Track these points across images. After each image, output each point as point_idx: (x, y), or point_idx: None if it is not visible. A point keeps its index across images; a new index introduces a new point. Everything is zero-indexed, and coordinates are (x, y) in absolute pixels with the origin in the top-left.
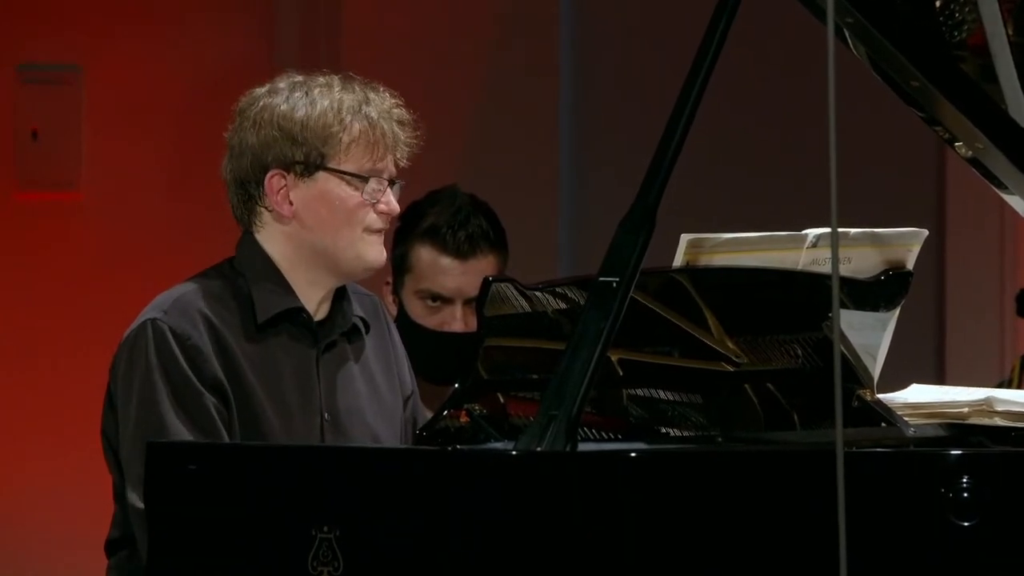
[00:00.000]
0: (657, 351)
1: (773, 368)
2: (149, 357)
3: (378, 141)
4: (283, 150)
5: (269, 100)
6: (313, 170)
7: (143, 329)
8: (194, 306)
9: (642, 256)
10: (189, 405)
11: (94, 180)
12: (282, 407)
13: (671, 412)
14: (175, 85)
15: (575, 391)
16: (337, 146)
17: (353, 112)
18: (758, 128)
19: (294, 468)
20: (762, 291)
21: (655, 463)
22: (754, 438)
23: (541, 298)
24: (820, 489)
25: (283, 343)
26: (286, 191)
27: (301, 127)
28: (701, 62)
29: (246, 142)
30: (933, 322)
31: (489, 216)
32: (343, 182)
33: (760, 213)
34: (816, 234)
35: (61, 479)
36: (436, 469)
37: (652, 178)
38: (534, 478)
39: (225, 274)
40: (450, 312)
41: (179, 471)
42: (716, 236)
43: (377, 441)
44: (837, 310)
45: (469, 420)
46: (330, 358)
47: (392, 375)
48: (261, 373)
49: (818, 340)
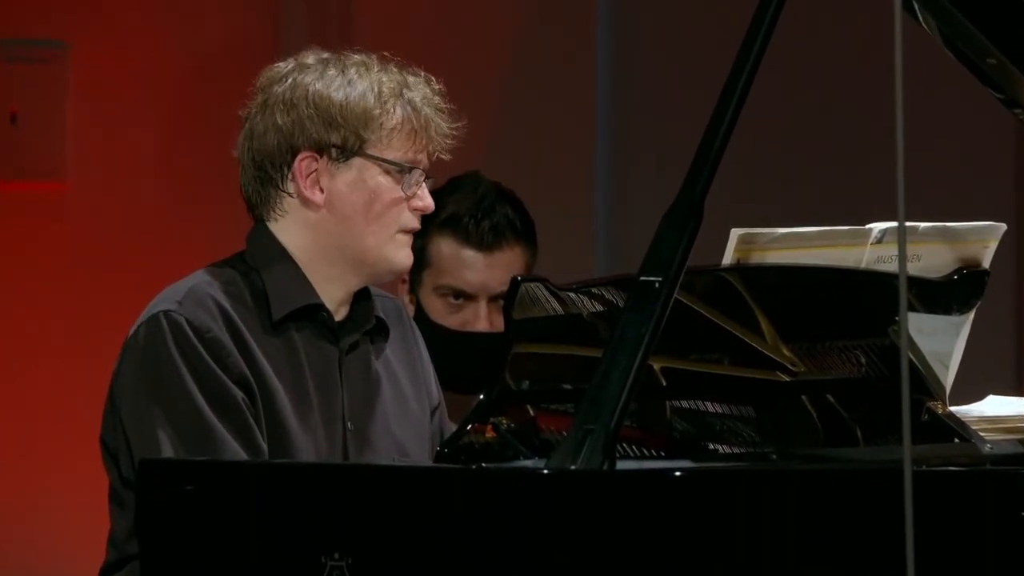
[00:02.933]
0: (704, 359)
1: (833, 378)
2: (168, 350)
3: (420, 130)
4: (318, 131)
5: (300, 77)
6: (350, 155)
7: (156, 322)
8: (210, 297)
9: (688, 253)
10: (221, 400)
11: (80, 169)
12: (306, 413)
13: (720, 426)
14: (170, 64)
15: (613, 403)
16: (378, 131)
17: (395, 95)
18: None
19: (302, 488)
20: (821, 292)
21: (702, 483)
22: (812, 455)
23: (575, 299)
24: (886, 512)
25: (304, 342)
26: (316, 176)
27: (340, 108)
28: (754, 37)
29: (272, 121)
30: (1012, 326)
31: (516, 205)
32: (382, 171)
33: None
34: (882, 229)
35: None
36: (459, 490)
37: (699, 166)
38: (568, 500)
39: (236, 268)
40: (473, 310)
41: (174, 491)
42: (770, 231)
43: (404, 453)
44: (905, 313)
45: (496, 435)
46: (353, 360)
47: (419, 383)
48: (283, 375)
49: (883, 347)
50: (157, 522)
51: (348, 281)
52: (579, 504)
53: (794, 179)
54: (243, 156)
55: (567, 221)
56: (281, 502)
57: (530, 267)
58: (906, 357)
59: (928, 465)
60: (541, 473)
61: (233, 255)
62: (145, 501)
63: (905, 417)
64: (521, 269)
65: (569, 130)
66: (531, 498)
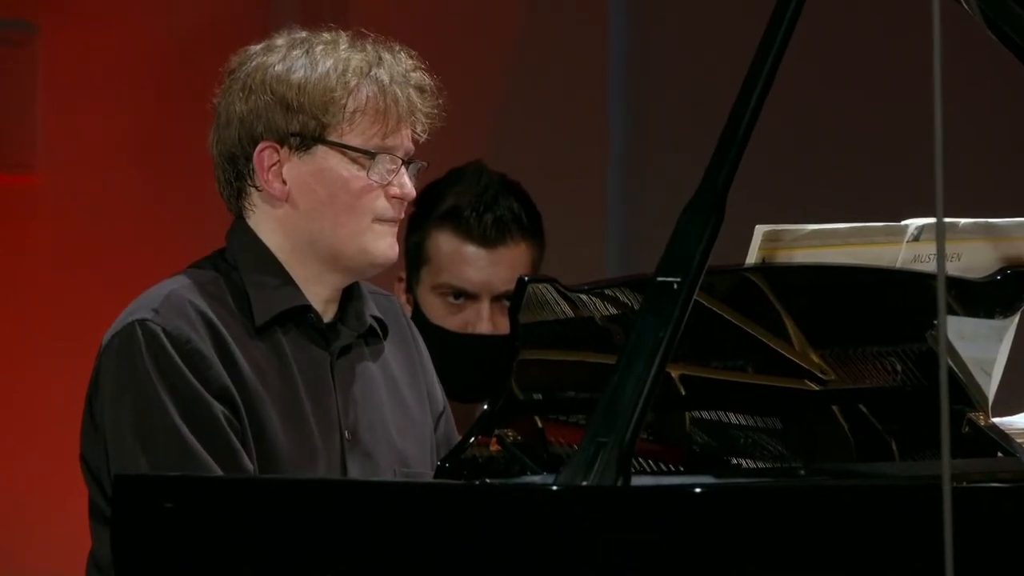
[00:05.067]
0: (726, 366)
1: (866, 387)
2: (143, 364)
3: (389, 110)
4: (276, 119)
5: (263, 59)
6: (311, 143)
7: (130, 332)
8: (189, 303)
9: (708, 251)
10: (200, 418)
11: (51, 161)
12: (298, 424)
13: (743, 439)
14: (148, 47)
15: (628, 414)
16: (339, 114)
17: (361, 74)
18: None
19: (288, 505)
20: (853, 294)
21: (724, 500)
22: (844, 470)
23: (587, 301)
24: (923, 533)
25: (292, 346)
26: (278, 168)
27: (298, 91)
28: (781, 16)
29: (234, 109)
30: None
31: (521, 197)
32: (346, 159)
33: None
34: (919, 225)
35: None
36: (461, 507)
37: (721, 157)
38: (579, 518)
39: (217, 267)
40: (475, 311)
41: (152, 509)
42: (797, 228)
43: (406, 464)
44: (944, 317)
45: (501, 448)
46: (346, 365)
47: (419, 387)
48: (271, 383)
49: (921, 353)
50: (134, 542)
51: (330, 280)
52: (591, 523)
53: (823, 171)
54: (213, 149)
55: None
56: (267, 520)
57: (536, 265)
58: (945, 364)
59: (969, 481)
60: (550, 490)
61: (214, 253)
62: (121, 520)
63: (944, 429)
64: (527, 267)
65: (580, 116)
66: (539, 517)
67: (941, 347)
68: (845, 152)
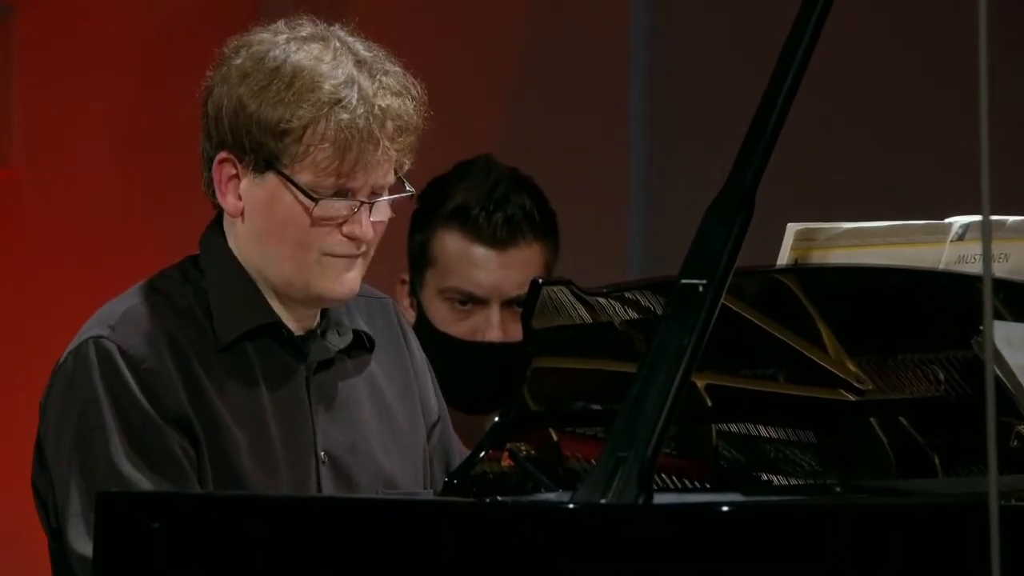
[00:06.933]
0: (756, 375)
1: (907, 397)
2: (92, 385)
3: (350, 149)
4: (235, 133)
5: (235, 62)
6: (264, 167)
7: (83, 351)
8: (148, 319)
9: (737, 251)
10: (147, 447)
11: (30, 154)
12: (265, 447)
13: (774, 454)
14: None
15: (650, 427)
16: (294, 146)
17: (324, 105)
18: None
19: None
20: (892, 297)
21: (753, 519)
22: (883, 487)
23: (606, 305)
24: (969, 553)
25: (262, 364)
26: (236, 182)
27: (257, 108)
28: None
29: (205, 109)
30: None
31: (534, 194)
32: (296, 194)
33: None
34: (963, 223)
35: None
36: (470, 526)
37: (750, 151)
38: (597, 538)
39: (188, 276)
40: (484, 317)
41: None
42: (832, 226)
43: (391, 485)
44: (990, 322)
45: (513, 464)
46: (325, 380)
47: (411, 398)
48: (236, 404)
49: (965, 361)
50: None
51: (293, 302)
52: (610, 544)
53: (860, 165)
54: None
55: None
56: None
57: (550, 267)
58: (992, 373)
59: (1017, 499)
60: (566, 508)
61: (185, 259)
62: (104, 540)
63: (990, 443)
64: (539, 270)
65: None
66: (554, 536)
67: (988, 354)
68: (883, 144)
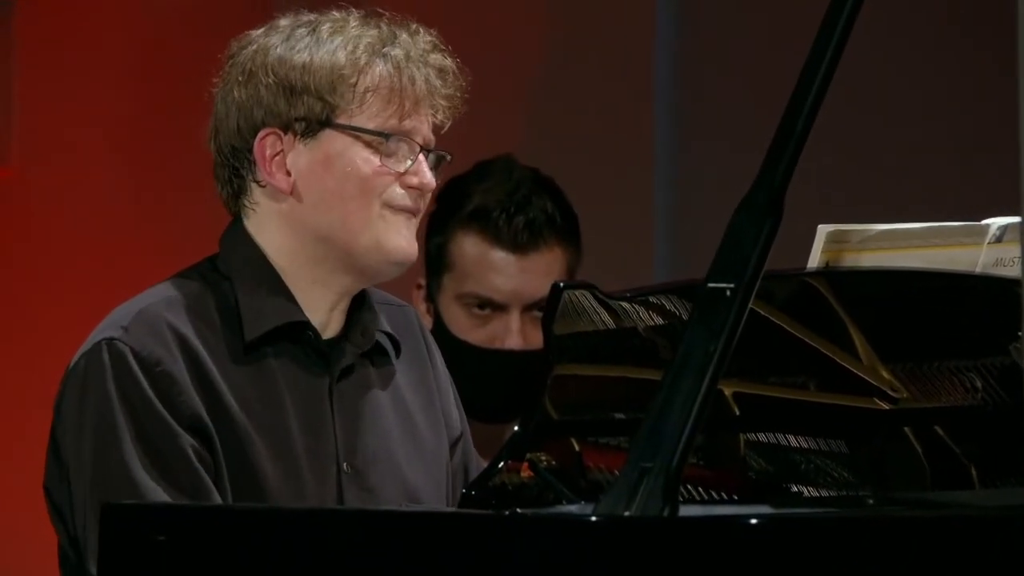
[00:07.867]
0: (786, 382)
1: (943, 406)
2: (106, 389)
3: (406, 90)
4: (278, 103)
5: (264, 41)
6: (317, 128)
7: (96, 353)
8: (164, 321)
9: (766, 254)
10: (161, 451)
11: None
12: (285, 456)
13: (805, 465)
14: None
15: (675, 436)
16: (349, 94)
17: (373, 51)
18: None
19: (299, 538)
20: (927, 302)
21: (783, 533)
22: (917, 499)
23: (629, 310)
24: (1007, 568)
25: (284, 369)
26: (282, 157)
27: (302, 71)
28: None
29: (232, 96)
30: None
31: (555, 196)
32: (358, 143)
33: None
34: (1001, 225)
35: None
36: (489, 540)
37: (779, 150)
38: (620, 552)
39: (206, 278)
40: (503, 323)
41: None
42: (865, 228)
43: (415, 498)
44: None
45: (533, 475)
46: (348, 388)
47: (434, 411)
48: (255, 410)
49: (1003, 368)
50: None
51: (340, 283)
52: (634, 558)
53: (893, 165)
54: (210, 145)
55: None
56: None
57: (572, 272)
58: None
59: None
60: (588, 520)
61: (203, 260)
62: (109, 553)
63: None
64: (561, 274)
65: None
66: (576, 550)
67: None
68: (918, 144)
